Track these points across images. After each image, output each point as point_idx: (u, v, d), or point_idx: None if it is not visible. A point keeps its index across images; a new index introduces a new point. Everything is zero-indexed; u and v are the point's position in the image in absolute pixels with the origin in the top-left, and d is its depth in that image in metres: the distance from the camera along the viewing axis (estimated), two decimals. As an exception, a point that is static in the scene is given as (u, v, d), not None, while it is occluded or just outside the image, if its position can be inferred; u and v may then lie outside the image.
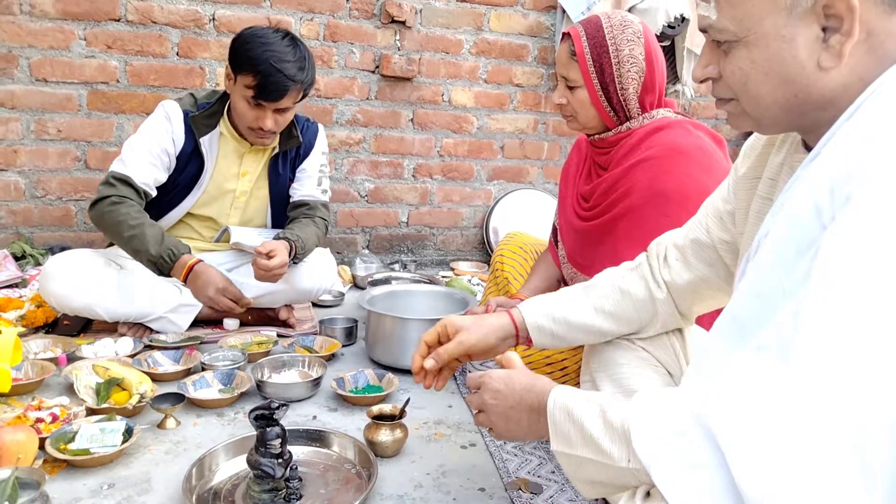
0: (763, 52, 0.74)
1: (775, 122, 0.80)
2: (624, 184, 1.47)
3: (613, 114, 1.50)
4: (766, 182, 0.91)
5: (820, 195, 0.65)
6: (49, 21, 2.50)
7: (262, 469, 1.14)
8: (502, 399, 0.97)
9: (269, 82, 1.82)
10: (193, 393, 1.57)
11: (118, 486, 1.22)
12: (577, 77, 1.49)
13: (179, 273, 1.87)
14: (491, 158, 3.22)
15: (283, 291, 2.09)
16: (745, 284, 0.73)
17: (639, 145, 1.47)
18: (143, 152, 1.94)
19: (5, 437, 1.18)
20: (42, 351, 1.79)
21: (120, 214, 1.85)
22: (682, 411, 0.67)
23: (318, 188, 2.17)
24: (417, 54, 2.96)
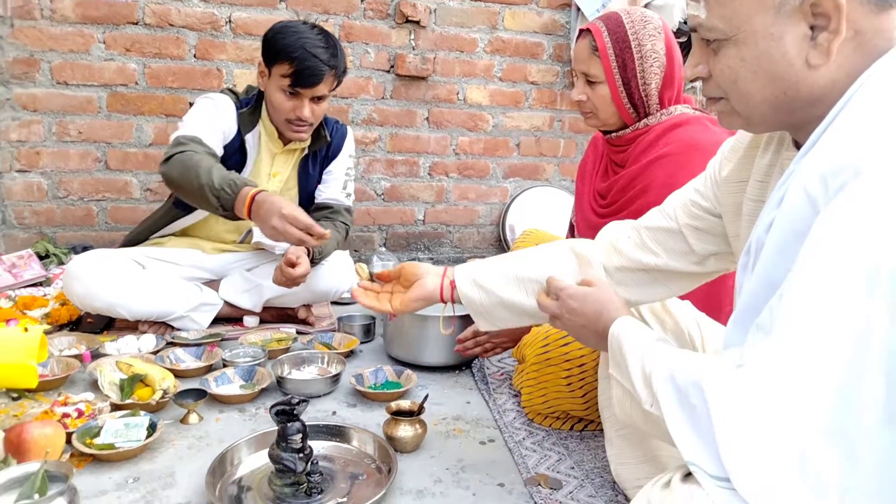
0: (752, 51, 0.75)
1: (765, 120, 0.81)
2: (641, 181, 1.46)
3: (633, 110, 1.50)
4: (754, 185, 0.92)
5: (812, 185, 0.67)
6: (69, 25, 2.54)
7: (283, 463, 1.16)
8: (576, 317, 1.02)
9: (305, 67, 1.84)
10: (215, 389, 1.59)
11: (143, 479, 1.24)
12: (599, 72, 1.48)
13: (242, 206, 1.73)
14: (507, 156, 3.22)
15: (301, 293, 2.10)
16: (755, 277, 0.75)
17: (656, 142, 1.46)
18: (206, 123, 1.92)
19: (34, 431, 1.20)
20: (67, 348, 1.82)
21: (192, 158, 1.78)
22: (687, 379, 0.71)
23: (342, 192, 2.18)
24: (432, 53, 2.97)
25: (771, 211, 0.75)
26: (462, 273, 1.22)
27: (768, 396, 0.62)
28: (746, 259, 0.80)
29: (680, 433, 0.70)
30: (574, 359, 1.47)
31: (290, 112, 1.93)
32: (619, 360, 0.89)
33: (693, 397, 0.69)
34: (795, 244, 0.67)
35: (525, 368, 1.59)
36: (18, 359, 1.29)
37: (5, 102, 2.52)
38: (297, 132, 1.99)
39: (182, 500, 1.18)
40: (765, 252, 0.73)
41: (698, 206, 1.06)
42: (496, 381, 1.78)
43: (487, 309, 1.20)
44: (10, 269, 2.30)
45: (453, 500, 1.23)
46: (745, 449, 0.63)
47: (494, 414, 1.60)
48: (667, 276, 1.13)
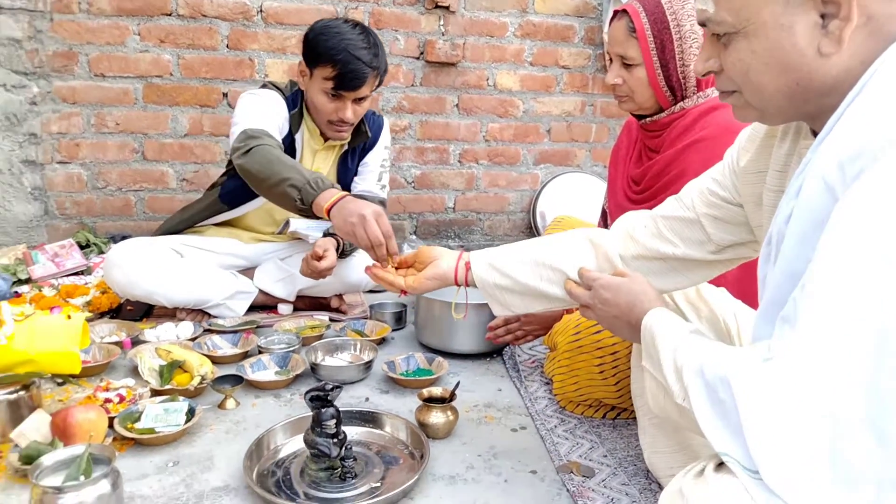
0: (762, 42, 0.74)
1: (780, 112, 0.80)
2: (677, 165, 1.44)
3: (670, 93, 1.47)
4: (774, 175, 0.91)
5: (829, 173, 0.66)
6: (106, 18, 2.58)
7: (318, 448, 1.18)
8: (609, 308, 1.03)
9: (349, 70, 1.83)
10: (251, 375, 1.63)
11: (182, 463, 1.28)
12: (636, 55, 1.45)
13: (325, 201, 1.58)
14: (537, 142, 3.19)
15: (333, 283, 2.13)
16: (778, 269, 0.74)
17: (692, 126, 1.44)
18: (268, 118, 1.90)
19: (78, 415, 1.24)
20: (108, 335, 1.87)
21: (272, 152, 1.74)
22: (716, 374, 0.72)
23: (377, 184, 2.17)
24: (462, 39, 2.95)
25: (790, 201, 0.74)
26: (477, 256, 1.24)
27: (796, 389, 0.62)
28: (768, 250, 0.79)
29: (711, 428, 0.70)
30: (606, 346, 1.46)
31: (333, 114, 1.92)
32: (651, 353, 0.89)
33: (721, 392, 0.69)
34: (815, 234, 0.67)
35: (557, 356, 1.59)
36: (62, 345, 1.33)
37: (46, 95, 2.59)
38: (338, 132, 1.99)
39: (220, 484, 1.21)
40: (786, 243, 0.73)
41: (716, 195, 1.05)
42: (527, 369, 1.78)
43: (500, 292, 1.21)
44: (52, 258, 2.37)
45: (485, 486, 1.24)
46: (773, 442, 0.63)
47: (526, 401, 1.60)
48: (684, 265, 1.12)
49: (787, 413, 0.62)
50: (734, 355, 0.72)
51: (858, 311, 0.61)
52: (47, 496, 0.99)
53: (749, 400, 0.65)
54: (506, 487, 1.24)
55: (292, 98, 2.01)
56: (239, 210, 2.12)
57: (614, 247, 1.16)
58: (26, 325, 1.32)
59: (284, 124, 1.97)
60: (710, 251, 1.08)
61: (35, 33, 2.52)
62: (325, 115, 1.94)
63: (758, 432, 0.64)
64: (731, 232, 1.05)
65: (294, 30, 2.76)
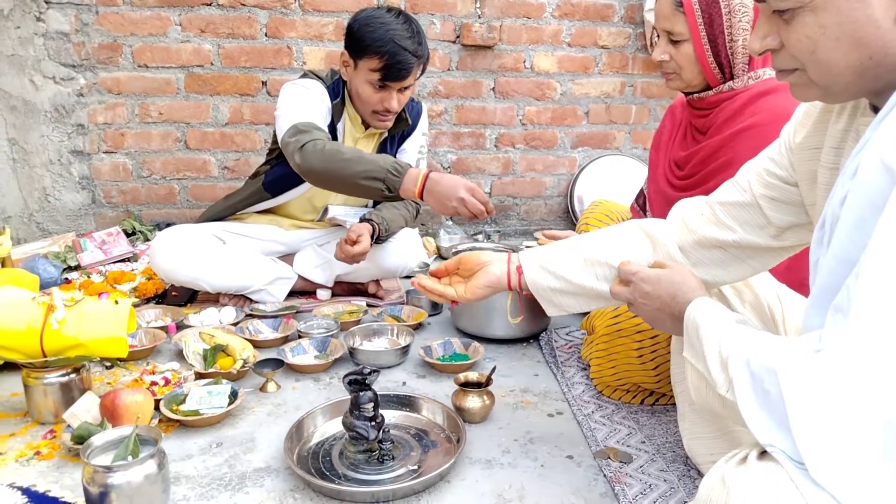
0: (833, 16, 0.70)
1: (846, 89, 0.75)
2: (725, 153, 1.39)
3: (718, 70, 1.42)
4: (829, 151, 0.87)
5: (889, 153, 0.63)
6: (148, 10, 2.63)
7: (356, 431, 1.19)
8: (650, 301, 1.00)
9: (396, 62, 1.83)
10: (291, 359, 1.66)
11: (225, 444, 1.31)
12: (684, 30, 1.40)
13: (413, 185, 1.67)
14: (575, 125, 3.15)
15: (370, 269, 2.15)
16: (832, 254, 0.71)
17: (742, 110, 1.39)
18: (314, 110, 1.92)
19: (125, 398, 1.28)
20: (153, 320, 1.92)
21: (329, 146, 1.77)
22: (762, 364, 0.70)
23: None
24: (498, 21, 2.91)
25: (845, 182, 0.71)
26: (528, 258, 1.19)
27: (848, 382, 0.60)
28: (821, 234, 0.77)
29: (754, 419, 0.69)
30: (645, 330, 1.44)
31: (378, 104, 1.92)
32: (694, 343, 0.87)
33: (767, 382, 0.68)
34: (872, 218, 0.64)
35: (595, 339, 1.57)
36: (110, 330, 1.37)
37: (92, 87, 2.66)
38: (382, 122, 1.99)
39: (262, 465, 1.24)
40: (840, 227, 0.70)
41: (774, 175, 1.01)
42: (564, 354, 1.77)
43: (555, 294, 1.17)
44: (100, 245, 2.45)
45: (522, 470, 1.24)
46: (822, 436, 0.61)
47: (563, 386, 1.59)
48: (745, 253, 1.07)
49: (837, 406, 0.61)
50: (782, 346, 0.70)
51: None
52: (98, 475, 1.02)
53: (797, 391, 0.64)
54: (542, 472, 1.24)
55: (333, 87, 2.01)
56: (281, 198, 2.15)
57: (671, 237, 1.11)
58: (76, 311, 1.37)
59: (327, 114, 1.98)
60: (772, 235, 1.04)
61: (81, 26, 2.59)
62: (371, 106, 1.94)
63: (805, 425, 0.62)
64: (790, 213, 1.01)
65: (331, 17, 2.77)
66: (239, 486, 1.18)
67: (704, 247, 1.09)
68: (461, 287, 1.21)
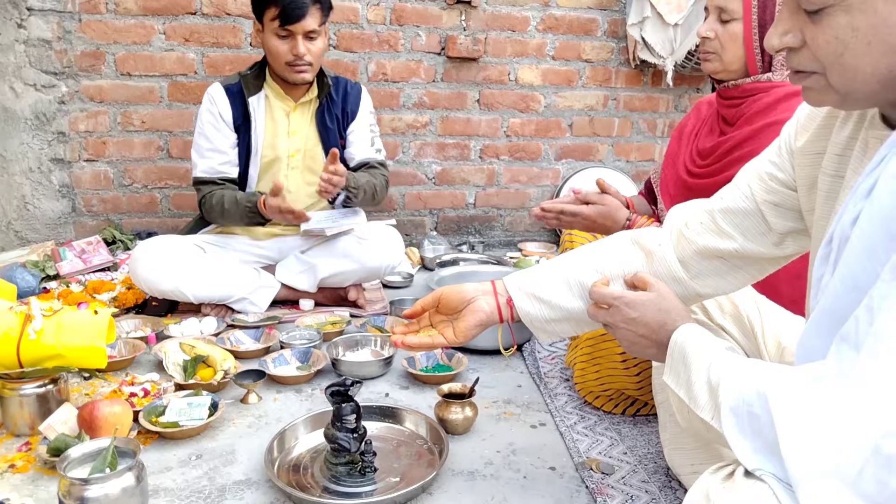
0: (869, 18, 0.65)
1: (866, 98, 0.72)
2: (751, 144, 1.36)
3: (760, 58, 1.40)
4: (832, 158, 0.84)
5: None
6: (132, 18, 2.62)
7: (338, 443, 1.19)
8: (635, 327, 0.95)
9: (289, 3, 1.95)
10: (273, 370, 1.64)
11: (205, 456, 1.30)
12: (737, 8, 1.38)
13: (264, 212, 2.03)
14: (559, 137, 3.17)
15: (352, 271, 2.14)
16: (839, 277, 0.69)
17: (776, 106, 1.36)
18: (203, 150, 2.13)
19: (104, 409, 1.27)
20: (133, 330, 1.90)
21: (214, 207, 2.08)
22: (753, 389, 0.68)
23: (371, 149, 2.25)
24: (483, 34, 2.94)
25: (858, 201, 0.68)
26: (517, 289, 1.09)
27: (852, 415, 0.59)
28: (827, 251, 0.74)
29: (739, 442, 0.68)
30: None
31: (288, 53, 2.01)
32: (679, 371, 0.84)
33: (756, 407, 0.67)
34: (887, 245, 0.62)
35: (579, 344, 1.58)
36: (89, 340, 1.36)
37: (74, 94, 2.64)
38: (299, 72, 2.05)
39: (242, 477, 1.23)
40: (850, 249, 0.67)
41: (775, 178, 0.97)
42: (547, 365, 1.78)
43: (549, 324, 1.09)
44: (80, 254, 2.42)
45: (504, 482, 1.24)
46: (816, 463, 0.59)
47: (545, 398, 1.59)
48: (745, 262, 1.03)
49: (837, 436, 0.59)
50: (775, 371, 0.69)
51: None
52: (74, 488, 1.01)
53: (792, 416, 0.62)
54: (525, 484, 1.24)
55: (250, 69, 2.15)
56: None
57: (669, 250, 1.05)
58: (54, 321, 1.35)
59: (226, 110, 2.11)
60: (773, 243, 1.00)
61: (64, 34, 2.57)
62: (282, 57, 2.02)
63: (798, 450, 0.61)
64: (791, 219, 0.97)
65: (315, 27, 2.77)
66: (219, 499, 1.17)
67: (705, 257, 1.03)
68: (448, 330, 1.09)
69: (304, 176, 2.20)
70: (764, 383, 0.67)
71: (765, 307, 1.20)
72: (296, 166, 2.19)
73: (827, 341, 0.67)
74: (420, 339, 1.10)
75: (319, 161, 2.18)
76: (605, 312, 0.98)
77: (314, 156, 2.19)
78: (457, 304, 1.10)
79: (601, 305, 0.99)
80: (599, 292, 0.99)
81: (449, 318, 1.11)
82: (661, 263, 1.05)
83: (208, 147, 2.13)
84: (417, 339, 1.10)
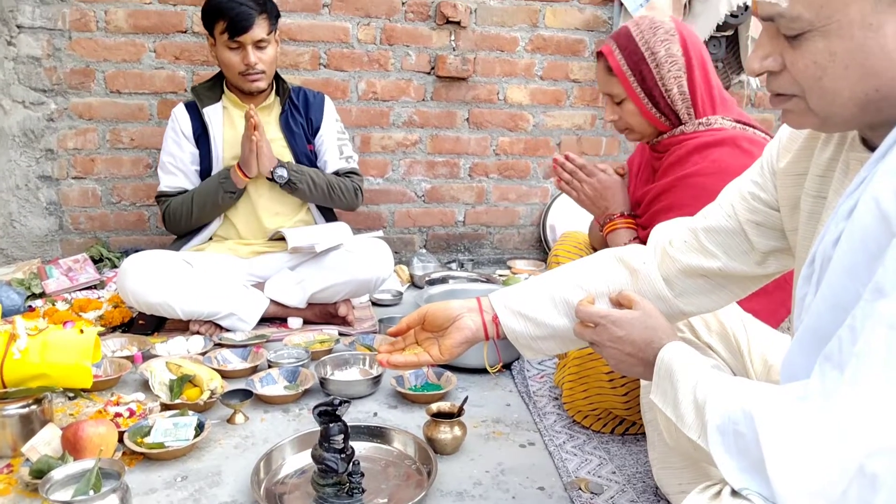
0: (846, 43, 0.67)
1: (846, 121, 0.73)
2: (668, 198, 1.44)
3: (664, 118, 1.47)
4: (813, 179, 0.86)
5: (886, 199, 0.62)
6: (122, 36, 2.63)
7: (326, 463, 1.18)
8: (622, 346, 0.95)
9: (235, 15, 2.02)
10: (260, 389, 1.63)
11: (190, 478, 1.28)
12: (621, 91, 1.47)
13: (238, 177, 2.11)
14: (547, 156, 3.19)
15: (342, 284, 2.14)
16: (821, 296, 0.70)
17: (688, 158, 1.43)
18: (167, 165, 2.21)
19: (88, 430, 1.25)
20: (119, 349, 1.88)
21: (182, 203, 2.15)
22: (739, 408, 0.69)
23: (341, 158, 2.29)
24: (472, 54, 2.96)
25: (839, 222, 0.69)
26: (502, 306, 1.09)
27: (837, 434, 0.59)
28: (810, 271, 0.75)
29: (725, 461, 0.68)
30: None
31: (240, 64, 2.07)
32: (666, 389, 0.85)
33: (742, 426, 0.67)
34: (867, 265, 0.63)
35: (567, 363, 1.58)
36: (75, 360, 1.35)
37: (63, 112, 2.63)
38: (253, 81, 2.11)
39: (228, 499, 1.22)
40: (832, 269, 0.69)
41: (758, 198, 0.98)
42: (536, 384, 1.78)
43: (535, 341, 1.09)
44: (66, 272, 2.40)
45: (493, 502, 1.23)
46: (801, 482, 0.60)
47: (534, 417, 1.59)
48: (728, 280, 1.04)
49: (822, 458, 0.59)
50: (760, 390, 0.70)
51: None
52: (56, 510, 0.99)
53: (777, 436, 0.63)
54: (513, 504, 1.23)
55: (194, 91, 2.23)
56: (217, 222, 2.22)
57: (654, 269, 1.05)
58: (39, 340, 1.34)
59: (185, 124, 2.19)
60: (756, 262, 1.01)
61: (54, 51, 2.57)
62: (235, 68, 2.09)
63: (784, 469, 0.61)
64: (773, 238, 0.98)
65: (307, 46, 2.79)
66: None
67: (689, 276, 1.04)
68: (434, 348, 1.09)
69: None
70: (750, 402, 0.68)
71: (751, 325, 1.21)
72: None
73: (811, 360, 0.67)
74: (406, 357, 1.09)
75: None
76: (592, 331, 0.99)
77: (282, 159, 2.20)
78: (442, 321, 1.09)
79: (587, 324, 1.00)
80: (586, 311, 0.99)
81: (435, 335, 1.11)
82: (646, 281, 1.05)
83: (171, 162, 2.20)
84: (403, 357, 1.09)
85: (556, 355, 1.73)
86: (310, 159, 2.27)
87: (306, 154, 2.26)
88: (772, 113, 3.34)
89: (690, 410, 0.78)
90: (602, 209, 1.59)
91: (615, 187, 1.59)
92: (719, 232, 1.02)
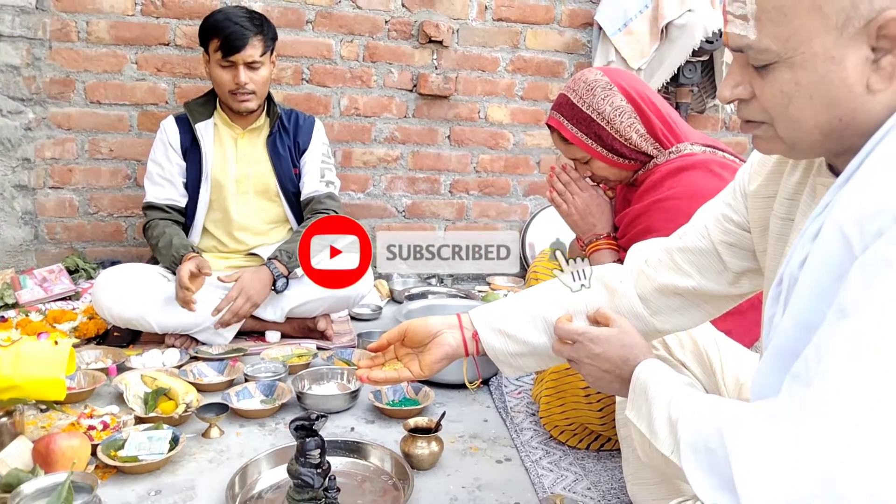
0: (810, 74, 0.70)
1: (812, 147, 0.76)
2: (644, 221, 1.46)
3: (634, 161, 1.51)
4: (782, 202, 0.89)
5: (847, 224, 0.65)
6: (104, 47, 2.62)
7: (301, 479, 1.17)
8: (599, 363, 0.97)
9: (230, 34, 2.03)
10: (236, 403, 1.62)
11: (164, 492, 1.27)
12: (584, 154, 1.52)
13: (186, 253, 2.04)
14: (527, 174, 3.23)
15: (321, 299, 2.14)
16: (789, 316, 0.72)
17: (661, 183, 1.46)
18: (154, 175, 2.20)
19: (61, 442, 1.23)
20: (94, 361, 1.86)
21: (152, 237, 2.13)
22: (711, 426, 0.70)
23: (321, 181, 2.27)
24: (454, 73, 3.00)
25: (805, 244, 0.72)
26: (483, 322, 1.10)
27: (803, 451, 0.61)
28: (778, 291, 0.77)
29: (697, 478, 0.69)
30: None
31: (231, 82, 2.08)
32: (641, 405, 0.86)
33: (713, 442, 0.68)
34: (831, 286, 0.65)
35: (544, 378, 1.60)
36: (48, 371, 1.33)
37: (41, 121, 2.61)
38: (242, 101, 2.11)
39: (202, 513, 1.21)
40: (799, 290, 0.71)
41: (730, 220, 1.01)
42: (514, 400, 1.79)
43: (514, 358, 1.10)
44: (40, 282, 2.37)
45: (469, 518, 1.24)
46: (769, 498, 0.61)
47: (511, 432, 1.60)
48: (703, 299, 1.06)
49: (789, 473, 0.61)
50: (731, 408, 0.71)
51: (878, 385, 0.59)
52: (26, 524, 0.98)
53: (745, 453, 0.64)
54: (489, 520, 1.23)
55: (187, 106, 2.22)
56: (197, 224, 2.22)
57: (630, 288, 1.08)
58: (12, 351, 1.32)
59: (174, 139, 2.19)
60: (729, 281, 1.03)
61: (33, 60, 2.55)
62: (226, 86, 2.09)
63: (752, 486, 0.62)
64: (745, 258, 1.01)
65: (290, 62, 2.81)
66: (177, 536, 1.14)
67: (664, 294, 1.07)
68: (414, 364, 1.09)
69: (256, 202, 2.25)
70: (720, 420, 0.69)
71: (723, 344, 1.23)
72: (246, 191, 2.23)
73: (779, 378, 0.69)
74: (386, 373, 1.10)
75: (272, 187, 2.24)
76: (570, 348, 1.00)
77: (266, 182, 2.23)
78: (423, 337, 1.10)
79: (566, 341, 1.01)
80: (564, 328, 1.01)
81: (415, 351, 1.11)
82: (623, 300, 1.07)
83: (158, 173, 2.19)
84: (383, 373, 1.10)
85: (535, 371, 1.74)
86: (294, 183, 2.26)
87: (290, 178, 2.25)
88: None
89: (664, 427, 0.79)
90: (589, 226, 1.61)
91: (604, 206, 1.61)
92: (693, 252, 1.04)
